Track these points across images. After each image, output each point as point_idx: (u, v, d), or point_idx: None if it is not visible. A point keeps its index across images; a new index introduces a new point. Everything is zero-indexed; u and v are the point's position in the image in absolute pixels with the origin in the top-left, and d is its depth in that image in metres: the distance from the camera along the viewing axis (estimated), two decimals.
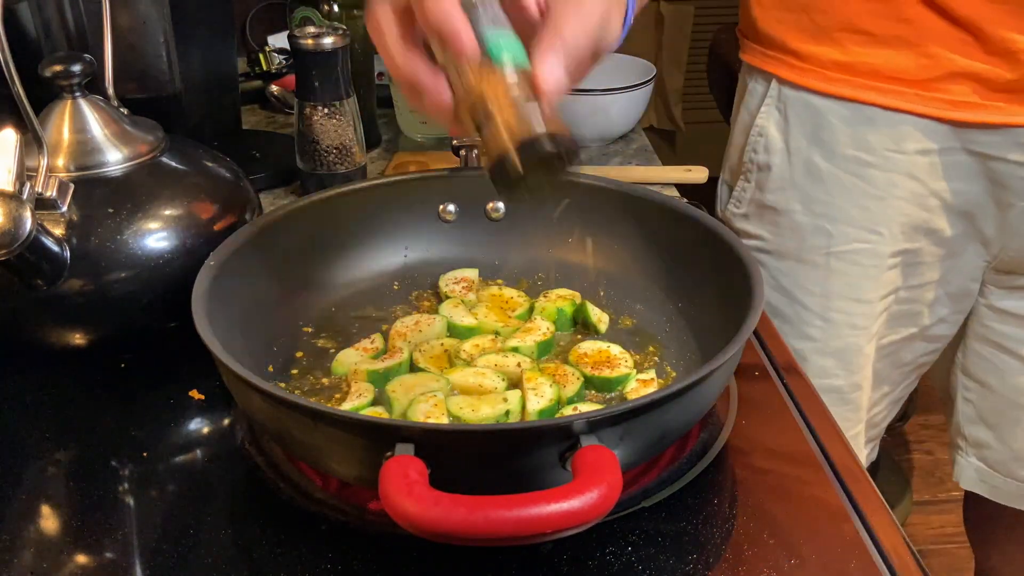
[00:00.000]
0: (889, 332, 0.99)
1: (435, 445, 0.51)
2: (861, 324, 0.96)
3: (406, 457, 0.49)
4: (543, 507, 0.46)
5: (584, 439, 0.51)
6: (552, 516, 0.46)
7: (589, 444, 0.50)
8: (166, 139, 0.77)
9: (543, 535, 0.46)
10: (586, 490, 0.47)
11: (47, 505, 0.64)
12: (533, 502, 0.46)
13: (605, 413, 0.52)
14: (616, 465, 0.49)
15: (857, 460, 0.66)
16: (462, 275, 0.81)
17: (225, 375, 0.60)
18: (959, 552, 1.86)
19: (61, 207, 0.68)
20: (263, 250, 0.73)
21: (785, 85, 0.94)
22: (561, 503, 0.46)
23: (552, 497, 0.46)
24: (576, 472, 0.49)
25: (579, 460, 0.50)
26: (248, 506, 0.63)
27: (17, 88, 0.64)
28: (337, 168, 0.99)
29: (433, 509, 0.46)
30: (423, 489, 0.47)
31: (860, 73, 0.90)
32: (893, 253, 0.94)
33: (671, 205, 0.79)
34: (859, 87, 0.90)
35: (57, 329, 0.72)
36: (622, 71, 1.22)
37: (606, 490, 0.47)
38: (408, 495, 0.46)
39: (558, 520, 0.46)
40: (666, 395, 0.54)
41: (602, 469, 0.48)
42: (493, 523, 0.45)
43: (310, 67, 0.95)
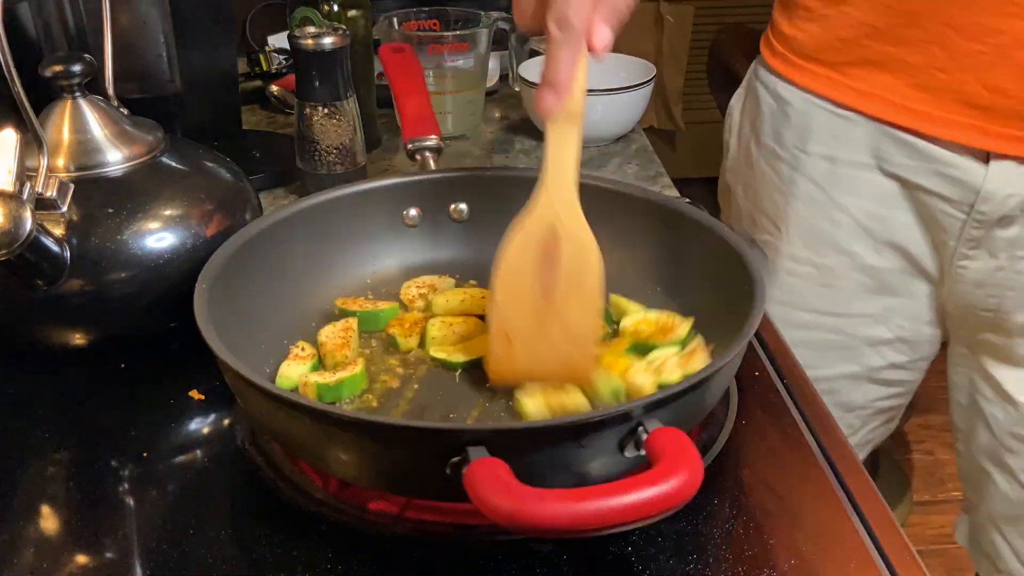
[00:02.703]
0: (821, 363, 0.92)
1: (503, 444, 0.51)
2: None
3: (490, 459, 0.50)
4: (643, 493, 0.47)
5: (648, 423, 0.52)
6: (652, 501, 0.47)
7: (655, 427, 0.52)
8: (166, 139, 0.77)
9: (641, 521, 0.47)
10: (676, 472, 0.48)
11: (47, 505, 0.64)
12: (633, 488, 0.47)
13: (663, 396, 0.54)
14: (691, 443, 0.50)
15: (857, 460, 0.66)
16: (426, 281, 0.81)
17: (239, 386, 0.60)
18: (959, 552, 1.85)
19: (61, 207, 0.68)
20: (256, 256, 0.72)
21: (759, 65, 0.94)
22: (659, 486, 0.47)
23: (649, 481, 0.47)
24: (655, 456, 0.50)
25: (653, 443, 0.51)
26: (248, 506, 0.63)
27: (17, 88, 0.64)
28: (337, 168, 0.99)
29: (540, 505, 0.46)
30: (520, 487, 0.48)
31: (794, 51, 0.87)
32: (791, 256, 0.91)
33: (670, 205, 0.79)
34: (786, 65, 0.87)
35: (57, 329, 0.72)
36: (622, 71, 1.22)
37: (693, 468, 0.48)
38: (508, 495, 0.47)
39: (658, 504, 0.47)
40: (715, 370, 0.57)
41: (681, 449, 0.50)
42: (601, 513, 0.46)
43: (310, 67, 0.95)
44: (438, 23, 1.24)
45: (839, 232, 0.88)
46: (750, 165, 0.93)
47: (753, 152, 0.92)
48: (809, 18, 0.84)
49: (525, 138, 1.22)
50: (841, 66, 0.83)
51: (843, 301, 0.91)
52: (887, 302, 0.91)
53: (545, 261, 0.64)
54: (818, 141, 0.86)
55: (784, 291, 0.93)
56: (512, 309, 0.65)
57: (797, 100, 0.87)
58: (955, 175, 0.80)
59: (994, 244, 0.81)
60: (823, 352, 0.94)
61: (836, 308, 0.92)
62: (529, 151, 1.18)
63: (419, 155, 0.88)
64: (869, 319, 0.92)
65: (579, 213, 0.65)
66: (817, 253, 0.90)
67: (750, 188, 0.94)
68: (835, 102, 0.84)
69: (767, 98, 0.90)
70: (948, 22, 0.75)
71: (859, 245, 0.88)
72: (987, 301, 0.85)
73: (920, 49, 0.78)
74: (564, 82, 0.60)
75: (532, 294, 0.65)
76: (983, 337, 0.89)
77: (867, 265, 0.89)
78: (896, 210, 0.85)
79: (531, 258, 0.65)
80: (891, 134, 0.82)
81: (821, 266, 0.90)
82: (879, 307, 0.91)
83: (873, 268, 0.89)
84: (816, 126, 0.86)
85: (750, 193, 0.94)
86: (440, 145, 0.89)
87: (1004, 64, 0.74)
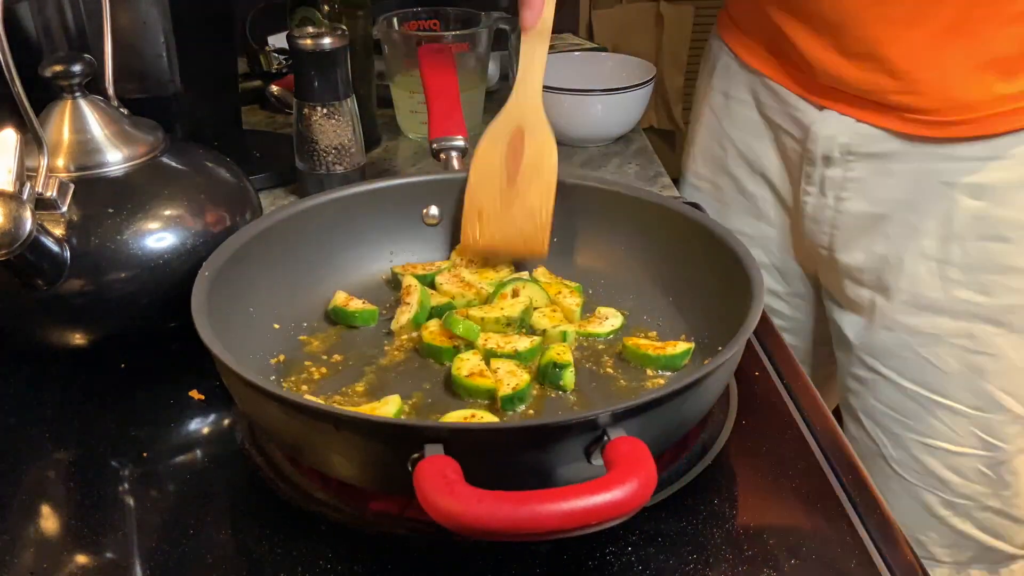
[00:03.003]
0: None
1: (463, 444, 0.51)
2: None
3: (440, 457, 0.49)
4: (587, 499, 0.46)
5: (611, 431, 0.51)
6: (596, 508, 0.46)
7: (618, 436, 0.51)
8: (166, 139, 0.77)
9: (584, 528, 0.47)
10: (626, 480, 0.47)
11: (47, 505, 0.64)
12: (576, 495, 0.46)
13: (629, 405, 0.53)
14: (649, 454, 0.49)
15: (856, 460, 0.66)
16: None
17: (228, 378, 0.60)
18: None
19: (61, 207, 0.68)
20: (256, 257, 0.73)
21: None
22: (604, 494, 0.46)
23: (594, 489, 0.47)
24: (610, 464, 0.49)
25: (611, 452, 0.50)
26: (248, 506, 0.63)
27: (17, 88, 0.64)
28: (336, 168, 0.99)
29: (477, 507, 0.46)
30: (464, 488, 0.47)
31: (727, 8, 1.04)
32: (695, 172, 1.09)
33: (668, 205, 0.79)
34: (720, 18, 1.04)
35: (57, 329, 0.72)
36: (622, 71, 1.22)
37: (644, 479, 0.48)
38: (450, 494, 0.47)
39: (602, 512, 0.46)
40: (689, 383, 0.56)
41: (637, 459, 0.49)
42: (539, 518, 0.46)
43: (309, 67, 0.95)
44: (438, 23, 1.24)
45: (727, 157, 1.04)
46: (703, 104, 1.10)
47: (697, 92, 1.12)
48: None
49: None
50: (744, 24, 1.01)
51: (731, 218, 1.04)
52: (763, 228, 1.03)
53: (511, 152, 0.79)
54: (719, 77, 1.04)
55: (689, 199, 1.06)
56: (483, 191, 0.80)
57: (715, 44, 1.06)
58: (798, 116, 0.95)
59: (824, 183, 0.94)
60: None
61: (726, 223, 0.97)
62: None
63: (444, 154, 0.88)
64: (750, 240, 1.01)
65: (542, 114, 0.79)
66: (712, 173, 1.06)
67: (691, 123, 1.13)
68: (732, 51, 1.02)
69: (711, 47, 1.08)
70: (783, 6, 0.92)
71: (740, 171, 1.03)
72: (821, 238, 0.97)
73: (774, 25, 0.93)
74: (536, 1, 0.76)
75: (500, 179, 0.80)
76: (825, 278, 1.01)
77: (747, 190, 1.03)
78: (765, 143, 1.00)
79: (500, 150, 0.80)
80: (764, 82, 0.98)
81: (715, 184, 1.06)
82: (757, 231, 1.04)
83: (751, 194, 1.03)
84: (719, 66, 1.04)
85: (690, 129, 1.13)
86: (466, 146, 0.89)
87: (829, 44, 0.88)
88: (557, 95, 1.14)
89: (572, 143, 1.19)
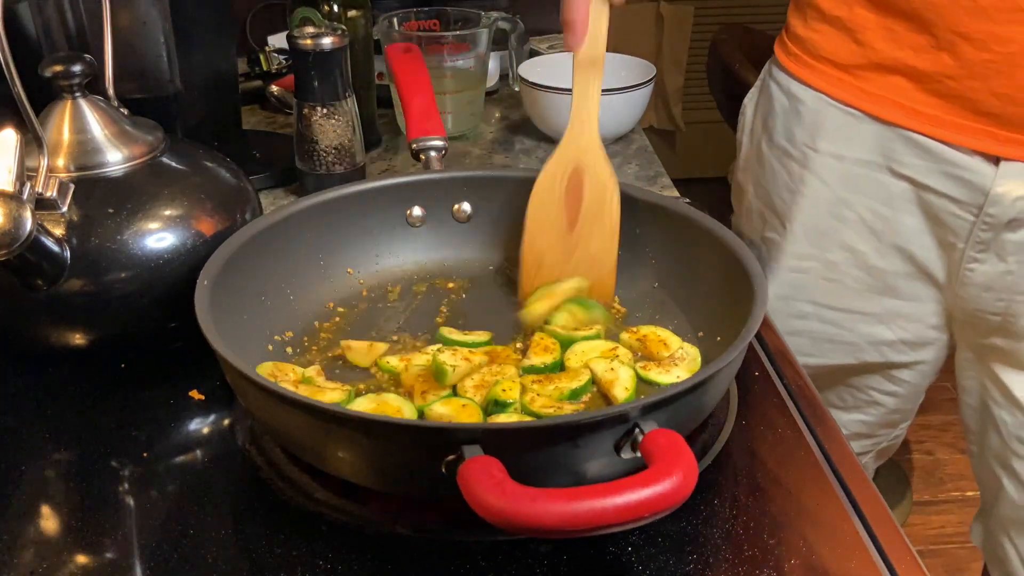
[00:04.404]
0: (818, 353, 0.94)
1: (498, 443, 0.51)
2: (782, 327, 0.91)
3: (485, 457, 0.49)
4: (638, 493, 0.47)
5: (643, 424, 0.52)
6: (646, 501, 0.47)
7: (651, 428, 0.52)
8: (166, 139, 0.77)
9: (632, 523, 0.47)
10: (670, 473, 0.48)
11: (47, 505, 0.64)
12: (627, 489, 0.47)
13: (659, 397, 0.54)
14: (686, 445, 0.50)
15: (856, 460, 0.66)
16: None
17: (239, 383, 0.60)
18: (959, 552, 1.86)
19: (61, 207, 0.68)
20: (245, 264, 0.72)
21: (772, 64, 0.94)
22: (654, 487, 0.47)
23: (643, 482, 0.47)
24: (651, 456, 0.50)
25: (649, 444, 0.51)
26: (248, 506, 0.63)
27: (17, 88, 0.64)
28: (336, 168, 0.99)
29: (531, 504, 0.46)
30: (514, 486, 0.47)
31: (807, 52, 0.87)
32: (795, 254, 0.91)
33: (670, 206, 0.79)
34: (799, 65, 0.88)
35: (57, 329, 0.72)
36: (622, 71, 1.22)
37: (687, 470, 0.48)
38: (501, 493, 0.47)
39: (652, 504, 0.47)
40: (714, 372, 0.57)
41: (676, 451, 0.49)
42: (593, 513, 0.46)
43: (309, 67, 0.95)
44: (438, 23, 1.24)
45: (845, 230, 0.88)
46: (761, 163, 0.94)
47: (764, 150, 0.93)
48: (821, 19, 0.85)
49: (525, 138, 1.22)
50: (852, 68, 0.84)
51: (845, 297, 0.91)
52: (890, 304, 0.90)
53: (569, 196, 0.73)
54: (828, 139, 0.86)
55: (785, 287, 0.93)
56: (542, 239, 0.75)
57: (809, 98, 0.88)
58: (964, 177, 0.80)
59: (1003, 247, 0.81)
60: (821, 344, 0.94)
61: (837, 303, 0.92)
62: (529, 151, 1.18)
63: (424, 155, 0.88)
64: (871, 318, 0.92)
65: (601, 153, 0.73)
66: (822, 249, 0.90)
67: (760, 186, 0.95)
68: (846, 103, 0.85)
69: (780, 96, 0.91)
70: (957, 29, 0.76)
71: (864, 244, 0.88)
72: (995, 305, 0.85)
73: (930, 56, 0.78)
74: (577, 21, 0.70)
75: (559, 226, 0.74)
76: (991, 341, 0.88)
77: (871, 265, 0.89)
78: (903, 212, 0.85)
79: (557, 194, 0.74)
80: (901, 134, 0.82)
81: (826, 262, 0.90)
82: (881, 307, 0.91)
83: (877, 269, 0.89)
84: (827, 124, 0.86)
85: (760, 191, 0.95)
86: (445, 145, 0.89)
87: (1013, 72, 0.75)
88: (557, 95, 1.14)
89: None
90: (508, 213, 0.83)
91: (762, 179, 0.94)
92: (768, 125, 0.93)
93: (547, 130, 1.20)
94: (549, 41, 1.44)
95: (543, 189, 0.75)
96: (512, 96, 1.33)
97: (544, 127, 1.20)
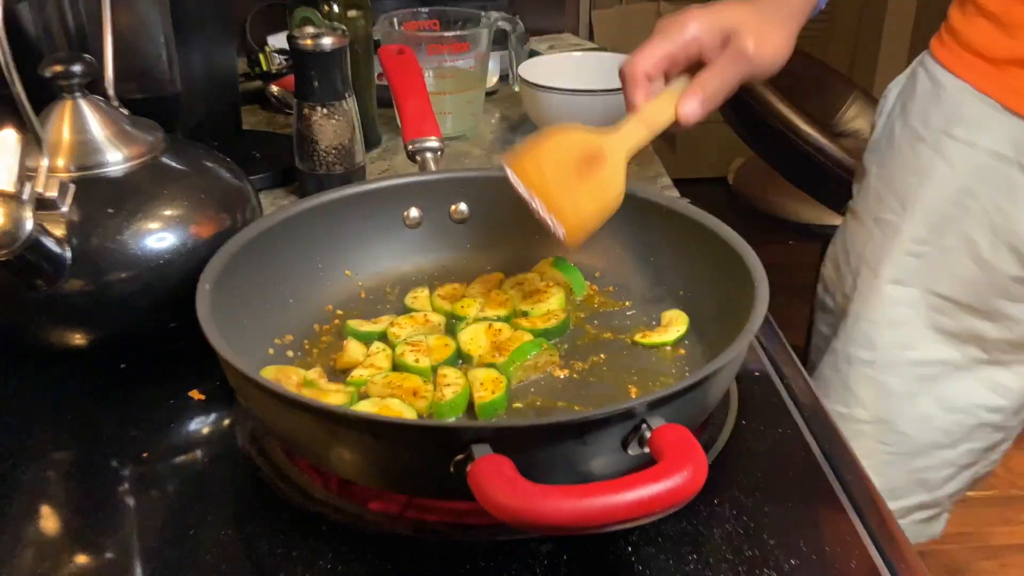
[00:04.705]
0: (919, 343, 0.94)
1: (507, 442, 0.51)
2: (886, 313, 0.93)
3: (495, 456, 0.50)
4: (648, 488, 0.47)
5: (651, 420, 0.52)
6: (657, 496, 0.47)
7: (659, 424, 0.52)
8: (166, 139, 0.77)
9: (643, 518, 0.47)
10: (680, 468, 0.48)
11: (47, 505, 0.64)
12: (637, 484, 0.47)
13: (666, 393, 0.54)
14: (695, 439, 0.50)
15: (857, 460, 0.66)
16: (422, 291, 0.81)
17: (243, 387, 0.60)
18: (959, 552, 1.87)
19: (62, 207, 0.68)
20: (244, 267, 0.72)
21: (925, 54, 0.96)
22: (665, 481, 0.47)
23: (653, 477, 0.47)
24: (659, 452, 0.50)
25: (658, 440, 0.51)
26: (248, 506, 0.63)
27: (18, 88, 0.64)
28: (336, 168, 0.99)
29: (544, 502, 0.46)
30: (526, 484, 0.48)
31: (960, 43, 0.90)
32: (912, 236, 0.92)
33: (672, 205, 0.79)
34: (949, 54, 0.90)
35: (58, 330, 0.72)
36: None
37: (697, 464, 0.49)
38: (513, 491, 0.47)
39: (663, 499, 0.47)
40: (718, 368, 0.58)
41: (685, 445, 0.50)
42: (605, 510, 0.46)
43: (309, 67, 0.95)
44: (438, 23, 1.24)
45: (966, 219, 0.89)
46: (891, 145, 0.96)
47: (897, 132, 0.96)
48: (978, 12, 0.88)
49: (524, 138, 1.22)
50: (1000, 62, 0.86)
51: (957, 286, 0.92)
52: (997, 303, 0.91)
53: (586, 161, 0.76)
54: (964, 127, 0.88)
55: (898, 270, 0.94)
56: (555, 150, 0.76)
57: (952, 86, 0.90)
58: None
59: None
60: (923, 331, 0.94)
61: (947, 291, 0.92)
62: None
63: (420, 156, 0.88)
64: (984, 315, 0.92)
65: (623, 166, 0.76)
66: (940, 235, 0.91)
67: (884, 168, 0.97)
68: (988, 94, 0.86)
69: (924, 81, 0.93)
70: None
71: (981, 237, 0.89)
72: None
73: None
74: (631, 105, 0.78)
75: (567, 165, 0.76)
76: None
77: (984, 259, 0.89)
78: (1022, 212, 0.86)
79: (579, 150, 0.76)
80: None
81: (941, 247, 0.91)
82: (988, 304, 0.91)
83: (988, 265, 0.89)
84: (965, 112, 0.88)
85: (883, 173, 0.97)
86: (441, 146, 0.89)
87: None
88: (557, 95, 1.14)
89: None
90: (505, 213, 0.83)
91: (888, 161, 0.96)
92: (906, 108, 0.95)
93: None
94: (549, 41, 1.44)
95: (576, 137, 0.76)
96: (512, 96, 1.33)
97: (544, 127, 1.20)
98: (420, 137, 0.89)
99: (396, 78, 0.96)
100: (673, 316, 0.76)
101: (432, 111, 0.92)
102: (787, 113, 1.60)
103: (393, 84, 0.96)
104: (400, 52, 1.01)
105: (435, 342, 0.73)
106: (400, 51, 1.01)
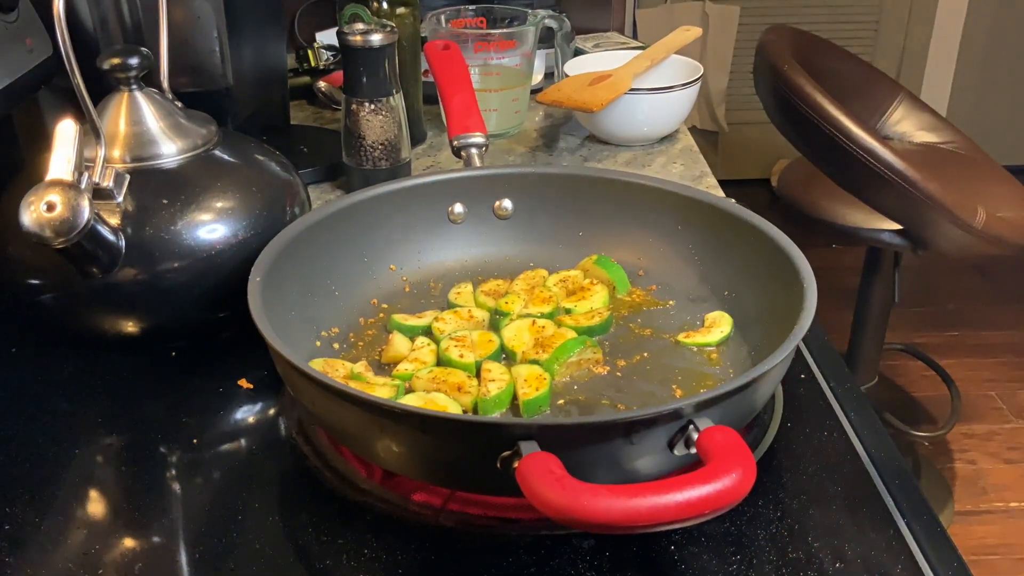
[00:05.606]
0: None
1: (554, 439, 0.51)
2: None
3: (542, 453, 0.50)
4: (696, 490, 0.47)
5: (698, 421, 0.52)
6: (706, 498, 0.47)
7: (706, 426, 0.52)
8: (219, 132, 0.78)
9: (690, 520, 0.47)
10: (730, 470, 0.48)
11: (98, 489, 0.65)
12: (687, 485, 0.47)
13: (714, 394, 0.54)
14: (743, 442, 0.50)
15: (903, 464, 0.65)
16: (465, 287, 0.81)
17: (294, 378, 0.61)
18: (1001, 564, 1.83)
19: (117, 197, 0.70)
20: (293, 260, 0.73)
21: None
22: (714, 483, 0.47)
23: (701, 479, 0.47)
24: (707, 453, 0.50)
25: (705, 441, 0.51)
26: (294, 494, 0.63)
27: (77, 80, 0.65)
28: (382, 164, 1.00)
29: (593, 501, 0.46)
30: (574, 483, 0.48)
31: None
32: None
33: (720, 205, 0.79)
34: None
35: (111, 317, 0.73)
36: (668, 69, 1.22)
37: (746, 466, 0.48)
38: (561, 489, 0.47)
39: (709, 503, 0.47)
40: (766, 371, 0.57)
41: (734, 448, 0.49)
42: (653, 510, 0.46)
43: (358, 63, 0.96)
44: (485, 21, 1.24)
45: None
46: None
47: None
48: None
49: (568, 136, 1.22)
50: None
51: None
52: None
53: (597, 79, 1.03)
54: None
55: None
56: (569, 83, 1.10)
57: None
58: None
59: None
60: None
61: None
62: (572, 149, 1.18)
63: (464, 152, 0.89)
64: None
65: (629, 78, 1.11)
66: None
67: None
68: None
69: None
70: None
71: None
72: None
73: None
74: None
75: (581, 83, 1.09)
76: None
77: None
78: None
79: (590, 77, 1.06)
80: None
81: None
82: None
83: None
84: None
85: None
86: (485, 142, 0.89)
87: None
88: None
89: (618, 142, 1.19)
90: (549, 210, 0.83)
91: None
92: None
93: (591, 128, 1.20)
94: (595, 40, 1.43)
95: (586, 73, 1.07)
96: None
97: (588, 125, 1.20)
98: (465, 133, 0.89)
99: (441, 74, 0.97)
100: (716, 317, 0.75)
101: (477, 107, 0.92)
102: (837, 115, 1.58)
103: (438, 79, 0.97)
104: (446, 48, 1.01)
105: (479, 338, 0.73)
106: (446, 47, 1.01)
